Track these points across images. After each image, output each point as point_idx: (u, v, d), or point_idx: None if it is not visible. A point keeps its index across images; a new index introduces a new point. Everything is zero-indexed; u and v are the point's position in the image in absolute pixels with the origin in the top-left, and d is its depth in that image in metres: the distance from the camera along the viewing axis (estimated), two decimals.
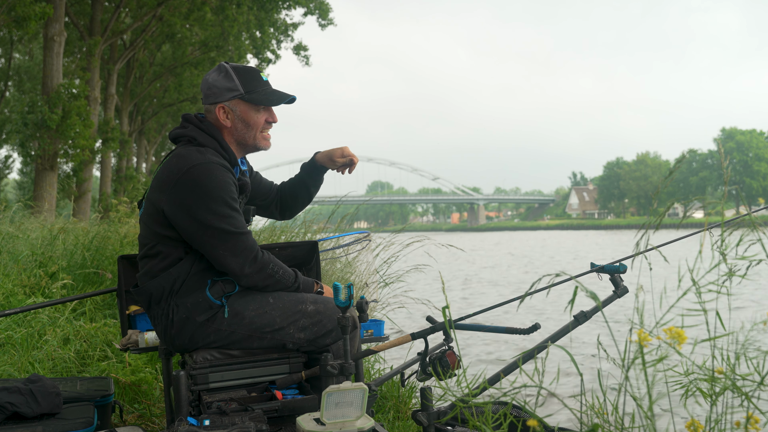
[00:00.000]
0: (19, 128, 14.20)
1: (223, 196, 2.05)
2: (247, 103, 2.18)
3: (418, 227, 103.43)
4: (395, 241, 5.48)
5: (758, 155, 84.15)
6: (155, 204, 2.11)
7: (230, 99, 2.18)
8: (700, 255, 1.33)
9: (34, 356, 3.57)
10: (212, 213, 2.03)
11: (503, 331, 2.35)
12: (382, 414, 3.38)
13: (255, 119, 2.19)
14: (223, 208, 2.04)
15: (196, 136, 2.16)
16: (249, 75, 2.19)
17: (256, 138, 2.21)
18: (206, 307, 2.08)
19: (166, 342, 2.17)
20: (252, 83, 2.19)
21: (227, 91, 2.18)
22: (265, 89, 2.20)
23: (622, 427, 1.36)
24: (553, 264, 22.19)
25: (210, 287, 2.10)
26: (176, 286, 2.09)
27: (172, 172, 2.08)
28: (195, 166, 2.05)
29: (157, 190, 2.11)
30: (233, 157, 2.18)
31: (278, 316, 2.13)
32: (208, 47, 22.71)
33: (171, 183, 2.06)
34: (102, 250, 6.04)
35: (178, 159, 2.10)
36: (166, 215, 2.08)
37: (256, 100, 2.18)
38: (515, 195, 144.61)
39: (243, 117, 2.19)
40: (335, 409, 1.69)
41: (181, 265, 2.09)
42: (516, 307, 2.04)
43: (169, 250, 2.11)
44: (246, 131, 2.20)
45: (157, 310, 2.13)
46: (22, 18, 12.31)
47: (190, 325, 2.08)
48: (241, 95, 2.17)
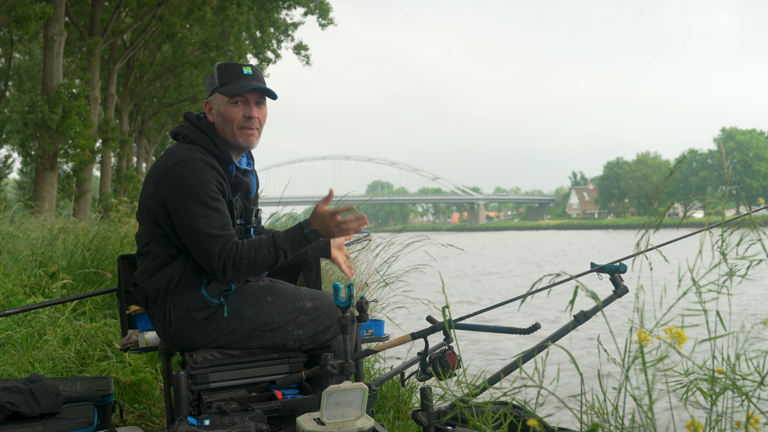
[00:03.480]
0: (19, 128, 14.19)
1: (201, 195, 2.02)
2: (223, 96, 2.16)
3: (418, 227, 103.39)
4: (395, 241, 5.48)
5: (758, 155, 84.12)
6: (145, 200, 2.13)
7: (211, 94, 2.19)
8: (700, 255, 1.33)
9: (34, 356, 3.57)
10: (188, 212, 2.02)
11: (503, 331, 2.35)
12: (382, 414, 3.38)
13: (230, 112, 2.14)
14: (200, 208, 2.02)
15: (189, 133, 2.17)
16: (229, 69, 2.18)
17: (234, 133, 2.15)
18: (203, 305, 2.08)
19: (165, 341, 2.17)
20: (228, 76, 2.16)
21: (210, 86, 2.20)
22: (239, 81, 2.15)
23: (622, 427, 1.36)
24: (558, 263, 22.18)
25: (206, 286, 2.09)
26: (172, 285, 2.09)
27: (159, 169, 2.10)
28: (178, 163, 2.06)
29: (146, 186, 2.13)
30: (226, 155, 2.15)
31: (277, 314, 2.13)
32: (208, 47, 22.70)
33: (156, 179, 2.08)
34: (102, 250, 6.05)
35: (166, 156, 2.12)
36: (152, 212, 2.09)
37: (227, 91, 2.14)
38: (515, 195, 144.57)
39: (220, 110, 2.17)
40: (335, 408, 1.69)
41: (175, 264, 2.09)
42: (517, 307, 2.04)
43: (160, 249, 2.11)
44: (224, 126, 2.16)
45: (155, 310, 2.13)
46: (22, 18, 12.30)
47: (188, 324, 2.08)
48: (216, 88, 2.16)
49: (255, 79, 2.17)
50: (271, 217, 6.77)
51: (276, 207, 6.91)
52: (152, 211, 2.09)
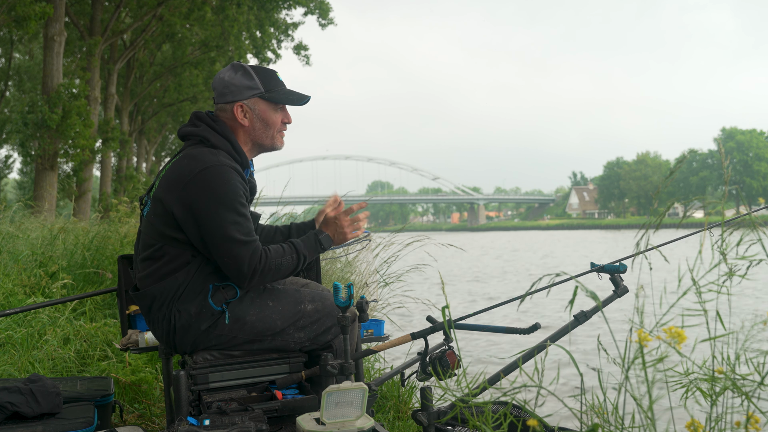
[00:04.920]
0: (19, 128, 14.19)
1: (233, 202, 2.00)
2: (267, 102, 2.16)
3: (418, 227, 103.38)
4: (395, 240, 5.47)
5: (758, 155, 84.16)
6: (165, 204, 2.04)
7: (249, 97, 2.15)
8: (700, 255, 1.33)
9: (34, 356, 3.57)
10: (221, 219, 1.98)
11: (503, 331, 2.35)
12: (382, 414, 3.38)
13: (273, 118, 2.18)
14: (231, 214, 1.99)
15: (209, 136, 2.11)
16: (268, 74, 2.18)
17: (273, 138, 2.20)
18: (208, 315, 2.05)
19: (167, 345, 2.15)
20: (271, 82, 2.17)
21: (247, 89, 2.14)
22: (283, 89, 2.20)
23: (622, 427, 1.36)
24: (558, 263, 22.18)
25: (212, 294, 2.05)
26: (180, 291, 2.05)
27: (183, 173, 2.03)
28: (207, 168, 2.00)
29: (167, 190, 2.05)
30: (245, 160, 2.14)
31: (278, 318, 2.12)
32: (208, 47, 22.70)
33: (182, 184, 2.01)
34: (102, 250, 6.05)
35: (189, 160, 2.05)
36: (176, 217, 2.03)
37: (276, 98, 2.15)
38: (515, 195, 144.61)
39: (262, 116, 2.16)
40: (335, 408, 1.69)
41: (188, 269, 2.05)
42: (516, 306, 2.04)
43: (176, 252, 2.05)
44: (264, 131, 2.17)
45: (158, 315, 2.08)
46: (22, 18, 12.30)
47: (192, 332, 2.06)
48: (261, 93, 2.14)
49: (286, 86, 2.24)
50: (271, 216, 6.77)
51: (276, 207, 6.91)
52: (175, 216, 2.03)
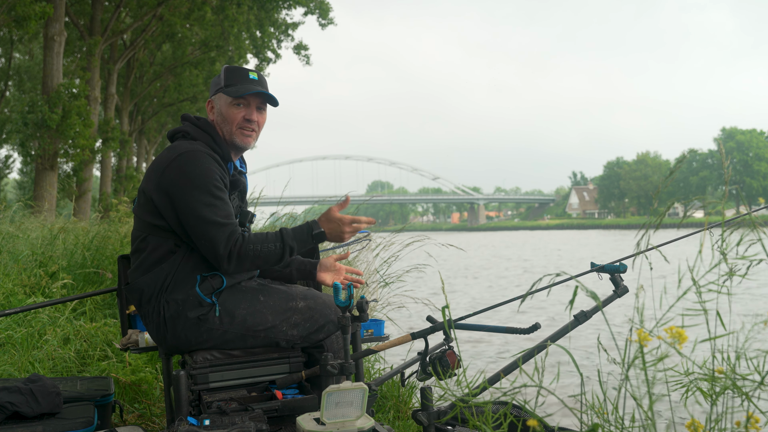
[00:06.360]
0: (19, 128, 14.19)
1: (206, 184, 2.06)
2: (226, 97, 2.23)
3: (418, 227, 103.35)
4: (395, 240, 5.47)
5: (758, 155, 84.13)
6: (146, 193, 2.14)
7: (215, 93, 2.27)
8: (700, 255, 1.33)
9: (34, 356, 3.57)
10: (194, 200, 2.04)
11: (503, 330, 2.35)
12: (382, 414, 3.38)
13: (231, 113, 2.22)
14: (206, 196, 2.05)
15: (190, 130, 2.22)
16: (235, 72, 2.26)
17: (232, 132, 2.23)
18: (196, 304, 2.07)
19: (158, 342, 2.16)
20: (234, 78, 2.24)
21: (214, 86, 2.28)
22: (244, 84, 2.23)
23: (622, 427, 1.36)
24: (558, 262, 22.19)
25: (200, 284, 2.09)
26: (167, 281, 2.08)
27: (161, 161, 2.13)
28: (182, 154, 2.10)
29: (147, 179, 2.15)
30: (226, 153, 2.21)
31: (270, 314, 2.13)
32: (208, 47, 22.71)
33: (160, 171, 2.10)
34: (102, 250, 6.05)
35: (168, 150, 2.16)
36: (155, 204, 2.10)
37: (230, 92, 2.21)
38: (515, 195, 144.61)
39: (221, 111, 2.24)
40: (335, 408, 1.69)
41: (173, 259, 2.09)
42: (516, 306, 2.04)
43: (158, 242, 2.11)
44: (224, 125, 2.24)
45: (148, 308, 2.12)
46: (22, 18, 12.31)
47: (181, 323, 2.07)
48: (221, 88, 2.24)
49: (259, 85, 2.25)
50: (271, 216, 6.77)
51: (276, 207, 6.90)
52: (155, 203, 2.10)
